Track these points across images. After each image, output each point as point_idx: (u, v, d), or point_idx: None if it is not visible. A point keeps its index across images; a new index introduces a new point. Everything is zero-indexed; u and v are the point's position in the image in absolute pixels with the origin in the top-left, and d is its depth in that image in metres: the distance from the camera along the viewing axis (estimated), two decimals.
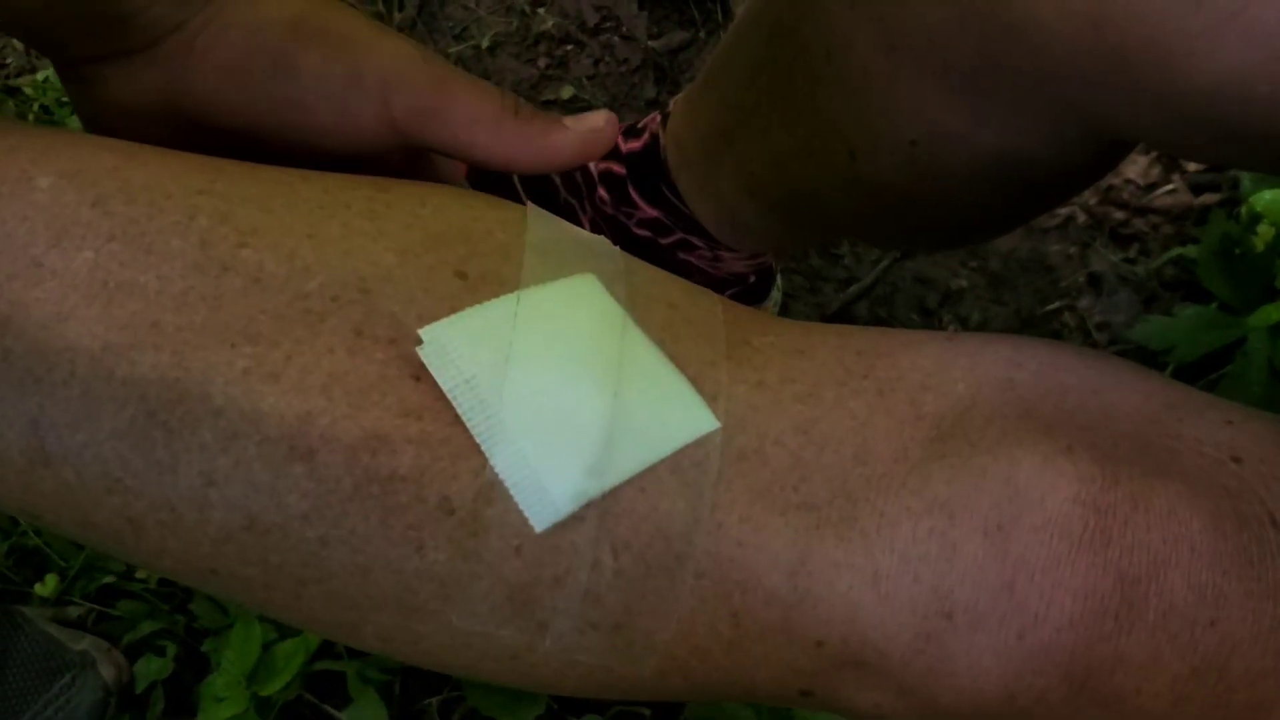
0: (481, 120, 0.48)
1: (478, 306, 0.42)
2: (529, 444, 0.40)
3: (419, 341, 0.41)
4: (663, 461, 0.42)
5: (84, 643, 0.98)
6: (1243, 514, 0.41)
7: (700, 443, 0.42)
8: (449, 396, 0.40)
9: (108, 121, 0.49)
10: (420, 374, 0.41)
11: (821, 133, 0.66)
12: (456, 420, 0.40)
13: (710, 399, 0.43)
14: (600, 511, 0.41)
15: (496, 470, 0.40)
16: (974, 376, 0.45)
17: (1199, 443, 0.43)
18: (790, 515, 0.42)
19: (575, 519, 0.41)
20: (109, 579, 1.03)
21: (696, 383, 0.43)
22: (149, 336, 0.40)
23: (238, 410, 0.40)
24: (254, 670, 0.96)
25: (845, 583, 0.41)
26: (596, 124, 0.50)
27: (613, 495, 0.41)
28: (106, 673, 0.97)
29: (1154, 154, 1.17)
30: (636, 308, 0.45)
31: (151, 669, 1.00)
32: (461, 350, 0.41)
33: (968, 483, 0.41)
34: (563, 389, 0.41)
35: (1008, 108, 0.55)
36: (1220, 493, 0.41)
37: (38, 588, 1.02)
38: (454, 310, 0.42)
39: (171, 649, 1.01)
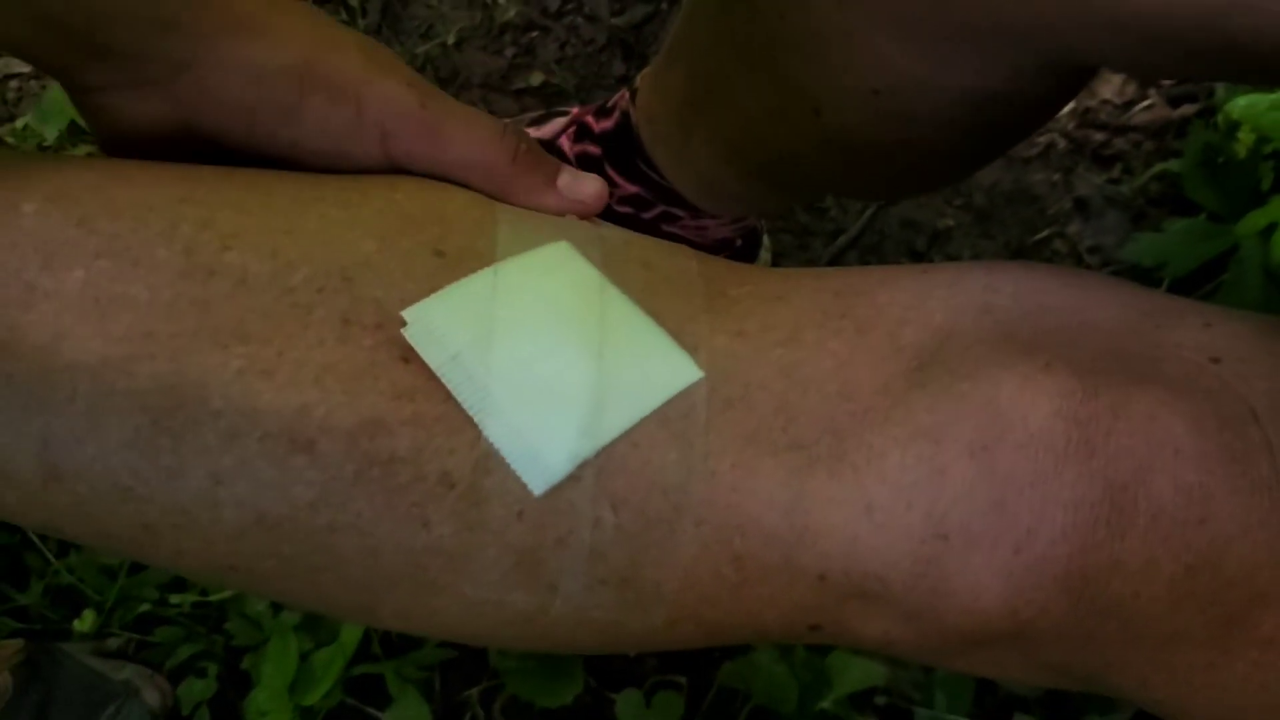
0: (474, 166, 0.49)
1: (457, 283, 0.43)
2: (519, 412, 0.42)
3: (403, 324, 0.42)
4: (651, 415, 0.43)
5: (126, 672, 1.00)
6: (1224, 413, 0.42)
7: (686, 394, 0.43)
8: (438, 374, 0.41)
9: (122, 142, 0.49)
10: (409, 355, 0.42)
11: (786, 93, 0.67)
12: (448, 397, 0.41)
13: (692, 351, 0.44)
14: (596, 470, 0.42)
15: (491, 441, 0.41)
16: (951, 306, 0.46)
17: (1178, 347, 0.44)
18: (781, 456, 0.43)
19: (572, 480, 0.42)
20: (145, 607, 1.04)
21: (677, 336, 0.44)
22: (144, 347, 0.41)
23: (236, 410, 0.41)
24: (294, 681, 0.98)
25: (840, 516, 0.42)
26: (587, 193, 0.51)
27: (606, 453, 0.42)
28: (151, 699, 0.98)
29: None
30: (613, 269, 0.46)
31: (194, 691, 1.02)
32: (445, 327, 0.42)
33: (950, 408, 0.42)
34: (548, 355, 0.42)
35: (963, 49, 0.55)
36: (1201, 394, 0.42)
37: (77, 624, 1.03)
38: (435, 289, 0.43)
39: (213, 669, 1.02)
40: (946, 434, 0.42)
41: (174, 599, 1.04)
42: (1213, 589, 0.41)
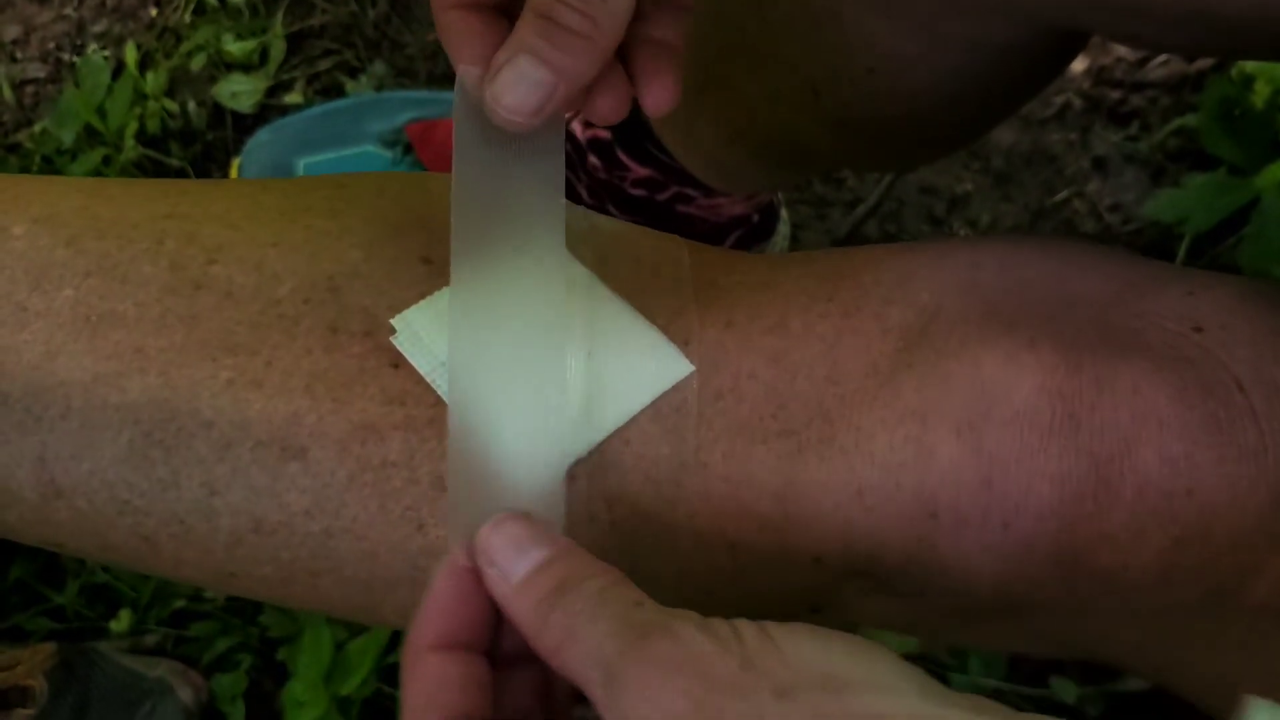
0: None
1: (445, 289, 0.43)
2: (510, 414, 0.42)
3: (392, 331, 0.42)
4: (643, 412, 0.43)
5: (159, 669, 1.00)
6: (1207, 382, 0.41)
7: (677, 388, 0.43)
8: (427, 380, 0.42)
9: None
10: (398, 361, 0.42)
11: (783, 75, 0.67)
12: (439, 401, 0.42)
13: (682, 345, 0.44)
14: (589, 468, 0.42)
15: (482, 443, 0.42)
16: (936, 283, 0.46)
17: (1161, 317, 0.44)
18: (772, 443, 0.43)
19: (566, 479, 0.42)
20: (180, 603, 1.05)
21: (667, 331, 0.44)
22: (135, 362, 0.42)
23: (227, 420, 0.41)
24: (330, 671, 0.99)
25: (831, 501, 0.42)
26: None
27: (599, 451, 0.42)
28: (184, 695, 0.99)
29: None
30: (603, 265, 0.46)
31: (225, 684, 1.03)
32: (434, 333, 0.42)
33: (936, 387, 0.42)
34: (537, 356, 0.43)
35: (949, 24, 0.55)
36: (1184, 364, 0.42)
37: (113, 624, 1.04)
38: (423, 296, 0.43)
39: (246, 661, 1.03)
40: (933, 413, 0.42)
41: (208, 594, 1.05)
42: (1203, 558, 0.41)
